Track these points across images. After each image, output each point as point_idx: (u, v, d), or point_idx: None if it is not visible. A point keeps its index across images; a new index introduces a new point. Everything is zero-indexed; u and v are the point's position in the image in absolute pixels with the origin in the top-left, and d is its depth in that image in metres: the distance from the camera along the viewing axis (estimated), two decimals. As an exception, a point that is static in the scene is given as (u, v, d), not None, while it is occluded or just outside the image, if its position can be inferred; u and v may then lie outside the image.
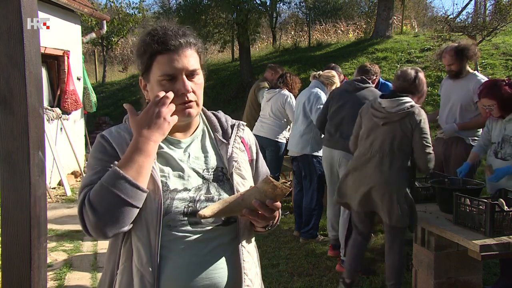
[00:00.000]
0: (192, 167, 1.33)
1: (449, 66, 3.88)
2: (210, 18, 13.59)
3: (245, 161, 1.42)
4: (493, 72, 9.08)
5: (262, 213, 1.24)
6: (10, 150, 1.40)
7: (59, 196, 6.58)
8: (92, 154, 1.33)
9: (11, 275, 1.41)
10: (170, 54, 1.28)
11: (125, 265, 1.27)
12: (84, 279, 3.87)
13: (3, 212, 1.41)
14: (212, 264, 1.27)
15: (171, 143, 1.36)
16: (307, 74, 11.47)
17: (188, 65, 1.30)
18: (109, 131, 1.35)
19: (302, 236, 4.65)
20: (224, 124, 1.44)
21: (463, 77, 3.84)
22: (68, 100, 7.53)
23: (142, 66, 1.33)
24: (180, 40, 1.30)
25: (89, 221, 1.19)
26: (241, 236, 1.33)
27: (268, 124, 5.20)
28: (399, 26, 14.67)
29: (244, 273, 1.30)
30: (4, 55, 1.39)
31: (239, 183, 1.34)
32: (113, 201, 1.18)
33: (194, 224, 1.27)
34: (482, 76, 3.89)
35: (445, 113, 3.93)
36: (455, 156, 3.84)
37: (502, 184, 3.07)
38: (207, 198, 1.29)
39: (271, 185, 1.19)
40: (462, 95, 3.81)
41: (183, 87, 1.28)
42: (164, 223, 1.24)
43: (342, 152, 3.86)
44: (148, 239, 1.23)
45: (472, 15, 11.77)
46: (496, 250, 2.60)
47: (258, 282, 1.40)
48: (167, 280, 1.24)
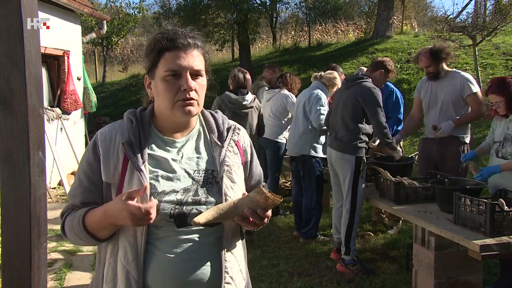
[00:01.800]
0: (184, 167, 1.37)
1: (426, 68, 3.96)
2: (210, 18, 13.61)
3: (237, 164, 1.45)
4: (493, 72, 9.08)
5: (253, 220, 1.30)
6: (10, 150, 1.41)
7: (59, 196, 6.58)
8: (83, 157, 1.40)
9: (11, 275, 1.41)
10: (177, 51, 1.33)
11: (110, 261, 1.33)
12: (84, 279, 3.87)
13: (3, 212, 1.41)
14: (195, 262, 1.32)
15: (166, 143, 1.40)
16: (307, 74, 11.47)
17: (193, 64, 1.34)
18: (103, 132, 1.40)
19: (302, 236, 4.65)
20: (220, 126, 1.47)
21: (443, 77, 3.91)
22: (68, 100, 7.53)
23: (149, 63, 1.37)
24: (189, 40, 1.35)
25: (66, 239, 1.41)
26: (225, 237, 1.37)
27: (268, 124, 5.19)
28: (399, 26, 14.67)
29: (225, 271, 1.35)
30: (4, 55, 1.39)
31: (228, 186, 1.38)
32: (78, 239, 1.37)
33: (180, 225, 1.31)
34: (463, 72, 3.98)
35: (436, 114, 3.95)
36: (450, 155, 3.85)
37: (502, 184, 3.08)
38: (194, 200, 1.33)
39: (264, 196, 1.26)
40: (450, 92, 3.86)
41: (186, 83, 1.32)
42: (152, 223, 1.27)
43: (337, 152, 3.88)
44: (135, 239, 1.30)
45: (472, 15, 11.78)
46: (496, 250, 2.60)
47: (242, 277, 1.43)
48: (152, 276, 1.30)
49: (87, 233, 1.31)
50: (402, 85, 9.40)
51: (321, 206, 4.68)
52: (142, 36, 23.17)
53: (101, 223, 1.29)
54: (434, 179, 3.40)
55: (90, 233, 1.31)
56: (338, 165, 3.89)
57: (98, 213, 1.30)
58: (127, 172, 1.32)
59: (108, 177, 1.34)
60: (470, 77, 3.89)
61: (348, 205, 3.82)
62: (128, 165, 1.32)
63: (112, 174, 1.33)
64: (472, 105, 3.82)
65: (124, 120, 1.41)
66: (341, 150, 3.83)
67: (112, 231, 1.32)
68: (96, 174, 1.35)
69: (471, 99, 3.80)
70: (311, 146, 4.51)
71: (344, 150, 3.81)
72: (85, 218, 1.32)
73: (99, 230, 1.31)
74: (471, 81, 3.83)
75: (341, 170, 3.86)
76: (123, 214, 1.22)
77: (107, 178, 1.34)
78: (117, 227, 1.31)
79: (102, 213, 1.29)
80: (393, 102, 4.83)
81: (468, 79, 3.83)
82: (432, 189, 3.40)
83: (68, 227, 1.35)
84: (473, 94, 3.79)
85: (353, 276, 3.77)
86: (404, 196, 3.40)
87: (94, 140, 1.39)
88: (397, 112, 4.82)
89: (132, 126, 1.37)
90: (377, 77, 3.94)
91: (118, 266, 1.31)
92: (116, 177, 1.33)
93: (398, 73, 9.70)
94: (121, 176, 1.32)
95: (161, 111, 1.39)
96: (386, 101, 4.82)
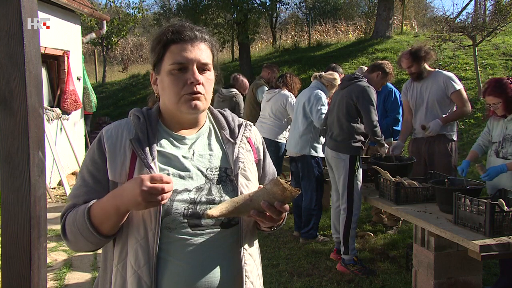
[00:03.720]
0: (196, 165, 1.30)
1: (409, 69, 4.03)
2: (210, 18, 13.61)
3: (250, 162, 1.38)
4: (493, 72, 9.08)
5: (270, 215, 1.20)
6: (10, 150, 1.40)
7: (59, 196, 6.58)
8: (87, 155, 1.33)
9: (11, 275, 1.41)
10: (183, 44, 1.28)
11: (118, 267, 1.26)
12: (84, 279, 3.87)
13: (3, 212, 1.41)
14: (212, 267, 1.24)
15: (176, 139, 1.33)
16: (307, 74, 11.47)
17: (200, 57, 1.29)
18: (108, 129, 1.33)
19: (302, 237, 4.65)
20: (231, 123, 1.41)
21: (426, 77, 3.99)
22: (68, 100, 7.53)
23: (155, 57, 1.32)
24: (196, 32, 1.31)
25: (65, 241, 1.32)
26: (243, 239, 1.30)
27: (268, 125, 5.20)
28: (399, 26, 14.67)
29: (245, 276, 1.28)
30: (4, 55, 1.39)
31: (243, 184, 1.31)
32: (79, 237, 1.26)
33: (194, 226, 1.24)
34: (445, 71, 4.05)
35: (422, 114, 4.01)
36: (439, 152, 3.93)
37: (501, 184, 3.08)
38: (208, 200, 1.26)
39: (281, 187, 1.16)
40: (434, 91, 3.92)
41: (193, 76, 1.26)
42: (164, 225, 1.22)
43: (333, 152, 3.90)
44: (147, 241, 1.22)
45: (472, 15, 11.78)
46: (496, 250, 2.59)
47: (259, 283, 1.37)
48: (165, 283, 1.22)
49: (91, 226, 1.21)
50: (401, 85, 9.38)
51: (321, 206, 4.68)
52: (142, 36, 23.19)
53: (106, 209, 1.20)
54: (434, 179, 3.41)
55: (94, 226, 1.21)
56: (333, 164, 3.93)
57: (105, 198, 1.22)
58: (135, 170, 1.24)
59: (114, 175, 1.26)
60: (452, 75, 3.97)
61: (344, 204, 3.83)
62: (136, 163, 1.25)
63: (119, 173, 1.26)
64: (457, 102, 3.90)
65: (130, 117, 1.35)
66: (336, 149, 3.87)
67: (116, 224, 1.22)
68: (102, 172, 1.28)
69: (455, 97, 3.88)
70: (311, 146, 4.52)
71: (339, 149, 3.84)
72: (91, 208, 1.23)
73: (103, 221, 1.21)
74: (453, 79, 3.90)
75: (336, 169, 3.90)
76: (132, 188, 1.14)
77: (114, 177, 1.26)
78: (122, 217, 1.22)
79: (110, 195, 1.21)
80: (392, 101, 4.86)
81: (451, 77, 3.91)
82: (432, 189, 3.40)
83: (69, 223, 1.26)
84: (457, 92, 3.87)
85: (353, 276, 3.77)
86: (404, 196, 3.41)
87: (99, 137, 1.31)
88: (396, 112, 4.84)
89: (140, 122, 1.31)
90: (374, 78, 4.00)
91: (128, 272, 1.23)
92: (124, 176, 1.25)
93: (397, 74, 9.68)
94: (129, 175, 1.25)
95: (167, 107, 1.33)
96: (385, 101, 4.84)
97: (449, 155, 3.91)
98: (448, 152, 3.90)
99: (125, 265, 1.24)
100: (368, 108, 3.75)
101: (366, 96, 3.75)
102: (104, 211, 1.21)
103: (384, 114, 4.84)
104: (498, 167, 3.10)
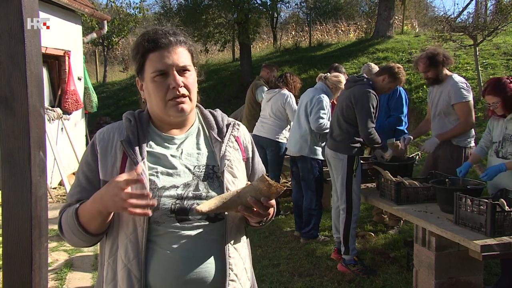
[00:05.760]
0: (184, 163, 1.36)
1: (425, 73, 3.82)
2: (211, 18, 13.61)
3: (237, 159, 1.44)
4: (494, 72, 9.07)
5: (257, 210, 1.27)
6: (11, 150, 1.41)
7: (60, 196, 6.58)
8: (83, 156, 1.42)
9: (12, 275, 1.41)
10: (160, 51, 1.34)
11: (109, 262, 1.33)
12: (85, 279, 3.87)
13: (4, 212, 1.42)
14: (198, 259, 1.30)
15: (165, 139, 1.40)
16: (307, 74, 11.47)
17: (178, 61, 1.34)
18: (101, 131, 1.41)
19: (302, 237, 4.65)
20: (220, 122, 1.47)
21: (443, 82, 3.77)
22: (69, 100, 7.53)
23: (137, 66, 1.38)
24: (170, 38, 1.36)
25: (63, 238, 1.39)
26: (228, 233, 1.35)
27: (269, 124, 5.20)
28: (399, 26, 14.64)
29: (229, 268, 1.33)
30: (5, 55, 1.39)
31: (229, 181, 1.37)
32: (72, 235, 1.34)
33: (181, 220, 1.30)
34: (458, 77, 3.79)
35: (435, 120, 3.88)
36: (442, 157, 3.83)
37: (502, 184, 3.07)
38: (195, 195, 1.32)
39: (267, 183, 1.23)
40: (443, 99, 3.76)
41: (174, 81, 1.32)
42: (152, 219, 1.28)
43: (332, 151, 3.91)
44: (136, 236, 1.29)
45: (473, 15, 11.76)
46: (497, 250, 2.59)
47: (247, 277, 1.42)
48: (154, 275, 1.28)
49: (79, 225, 1.29)
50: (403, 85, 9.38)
51: (321, 206, 4.68)
52: (142, 36, 23.14)
53: (90, 211, 1.27)
54: (434, 179, 3.40)
55: (82, 225, 1.30)
56: (332, 163, 3.93)
57: (89, 200, 1.29)
58: (126, 170, 1.31)
59: (105, 175, 1.33)
60: (462, 84, 3.70)
61: (343, 205, 3.83)
62: (126, 163, 1.32)
63: (110, 172, 1.33)
64: (459, 114, 3.70)
65: (123, 120, 1.42)
66: (335, 149, 3.87)
67: (102, 224, 1.29)
68: (94, 173, 1.36)
69: (458, 108, 3.68)
70: (311, 148, 4.51)
71: (338, 149, 3.84)
72: (79, 209, 1.31)
73: (89, 221, 1.28)
74: (461, 89, 3.66)
75: (335, 169, 3.90)
76: (109, 190, 1.20)
77: (105, 176, 1.33)
78: (106, 218, 1.28)
79: (91, 198, 1.28)
80: (396, 98, 4.69)
81: (459, 86, 3.66)
82: (432, 189, 3.40)
83: (64, 221, 1.35)
84: (459, 104, 3.65)
85: (354, 276, 3.77)
86: (404, 196, 3.40)
87: (93, 140, 1.40)
88: (399, 111, 4.68)
89: (131, 125, 1.38)
90: (380, 81, 3.82)
91: (119, 265, 1.30)
92: (114, 175, 1.31)
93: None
94: None
95: (155, 112, 1.40)
96: (390, 99, 4.76)
97: (450, 161, 3.73)
98: (450, 157, 3.74)
99: (115, 259, 1.31)
100: (363, 115, 3.66)
101: (364, 101, 3.66)
102: (88, 212, 1.28)
103: (388, 113, 4.74)
104: (496, 167, 3.10)
